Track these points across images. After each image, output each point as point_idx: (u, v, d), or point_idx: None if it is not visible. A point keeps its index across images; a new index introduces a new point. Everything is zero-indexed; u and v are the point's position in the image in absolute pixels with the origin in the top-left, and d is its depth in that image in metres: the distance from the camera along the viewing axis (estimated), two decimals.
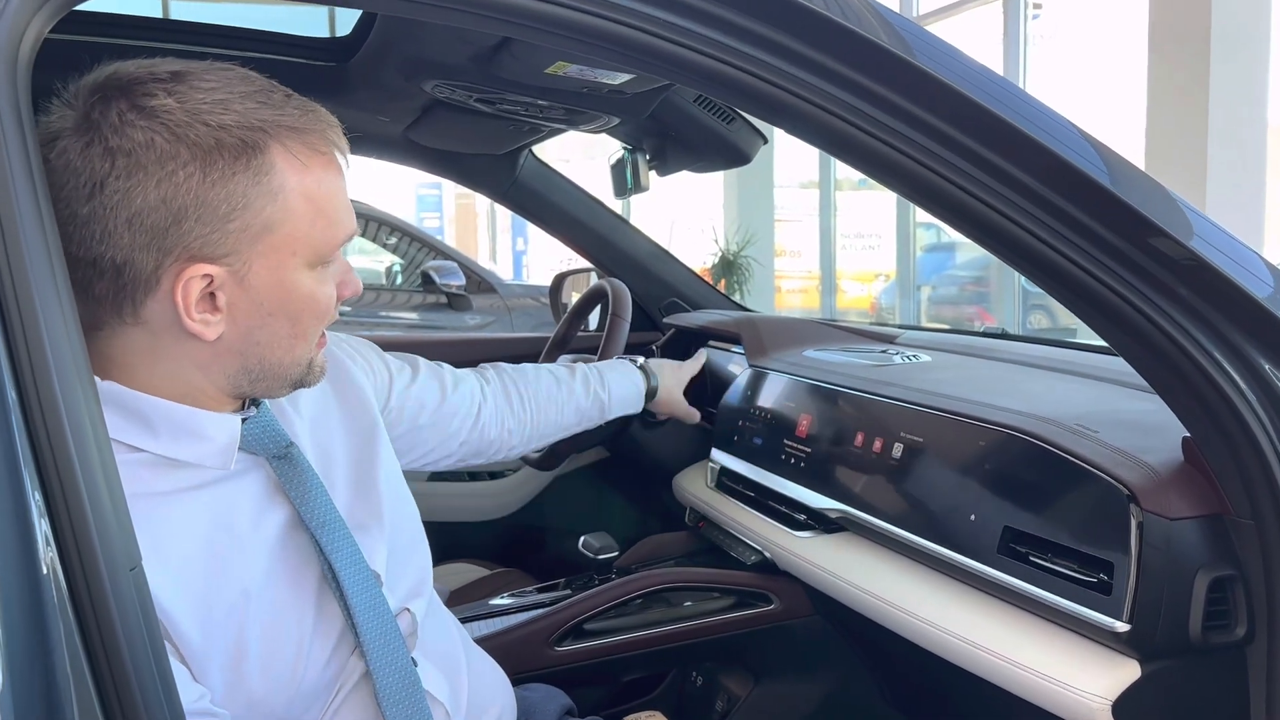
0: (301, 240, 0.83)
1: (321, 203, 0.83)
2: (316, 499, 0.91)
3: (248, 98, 0.80)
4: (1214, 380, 0.90)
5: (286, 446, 0.92)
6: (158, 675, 0.64)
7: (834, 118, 0.84)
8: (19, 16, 0.66)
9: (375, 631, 0.90)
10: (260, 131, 0.79)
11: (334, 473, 0.98)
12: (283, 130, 0.81)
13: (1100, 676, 1.02)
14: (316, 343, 0.90)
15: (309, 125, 0.83)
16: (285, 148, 0.81)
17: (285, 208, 0.81)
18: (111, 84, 0.78)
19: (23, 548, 0.59)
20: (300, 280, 0.84)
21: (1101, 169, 0.88)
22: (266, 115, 0.80)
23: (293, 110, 0.82)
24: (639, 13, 0.79)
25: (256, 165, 0.79)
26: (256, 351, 0.85)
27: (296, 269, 0.84)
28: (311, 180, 0.83)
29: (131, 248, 0.77)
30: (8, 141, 0.63)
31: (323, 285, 0.87)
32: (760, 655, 1.70)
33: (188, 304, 0.79)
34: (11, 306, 0.61)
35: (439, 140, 1.95)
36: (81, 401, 0.63)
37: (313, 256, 0.84)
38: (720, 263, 8.75)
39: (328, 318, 0.89)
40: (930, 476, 1.29)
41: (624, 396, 1.64)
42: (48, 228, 0.65)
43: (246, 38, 1.61)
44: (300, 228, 0.82)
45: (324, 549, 0.89)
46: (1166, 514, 0.98)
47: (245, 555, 0.86)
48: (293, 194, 0.81)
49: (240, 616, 0.84)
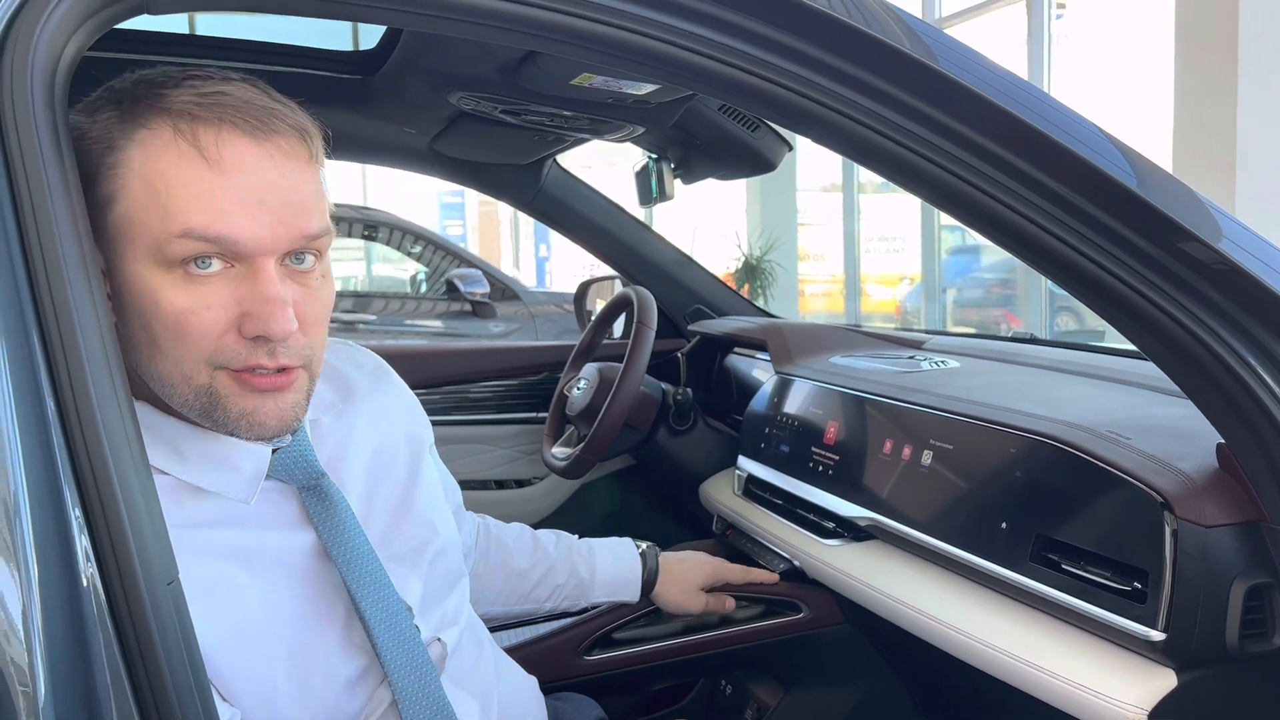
0: (138, 225, 0.76)
1: (161, 189, 0.76)
2: (345, 532, 0.89)
3: (187, 85, 0.79)
4: (1248, 385, 0.89)
5: (318, 478, 0.90)
6: (195, 688, 0.65)
7: (858, 124, 0.84)
8: (57, 36, 0.67)
9: (403, 663, 0.89)
10: (139, 101, 0.78)
11: (378, 500, 0.97)
12: (156, 110, 0.77)
13: (1136, 686, 1.00)
14: (225, 376, 0.79)
15: (195, 110, 0.77)
16: (149, 126, 0.77)
17: (120, 184, 0.77)
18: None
19: (64, 563, 0.60)
20: (145, 277, 0.77)
21: (1128, 172, 0.87)
22: (164, 94, 0.78)
23: (189, 94, 0.78)
24: (662, 24, 0.79)
25: (122, 116, 0.78)
26: (128, 351, 0.79)
27: (138, 261, 0.77)
28: (156, 164, 0.77)
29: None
30: (45, 159, 0.65)
31: (175, 292, 0.77)
32: (790, 664, 1.70)
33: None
34: (51, 324, 0.62)
35: (465, 151, 1.96)
36: (119, 419, 0.64)
37: (152, 249, 0.76)
38: (743, 267, 8.74)
39: (189, 338, 0.78)
40: (960, 484, 1.28)
41: (612, 581, 1.46)
42: (85, 245, 0.66)
43: (274, 52, 1.63)
44: (133, 210, 0.77)
45: (348, 583, 0.88)
46: (1202, 521, 0.96)
47: (273, 584, 0.86)
48: (131, 173, 0.77)
49: (268, 644, 0.84)
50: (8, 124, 0.63)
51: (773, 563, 1.67)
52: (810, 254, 10.20)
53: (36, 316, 0.62)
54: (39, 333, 0.62)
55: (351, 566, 0.88)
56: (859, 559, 1.45)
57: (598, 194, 2.27)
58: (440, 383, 2.30)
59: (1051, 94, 0.90)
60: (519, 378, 2.39)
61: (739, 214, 9.93)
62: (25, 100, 0.64)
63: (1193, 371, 0.92)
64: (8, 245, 0.62)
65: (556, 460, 1.99)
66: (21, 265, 0.62)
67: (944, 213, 0.91)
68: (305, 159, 0.81)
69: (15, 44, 0.65)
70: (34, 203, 0.63)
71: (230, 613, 0.83)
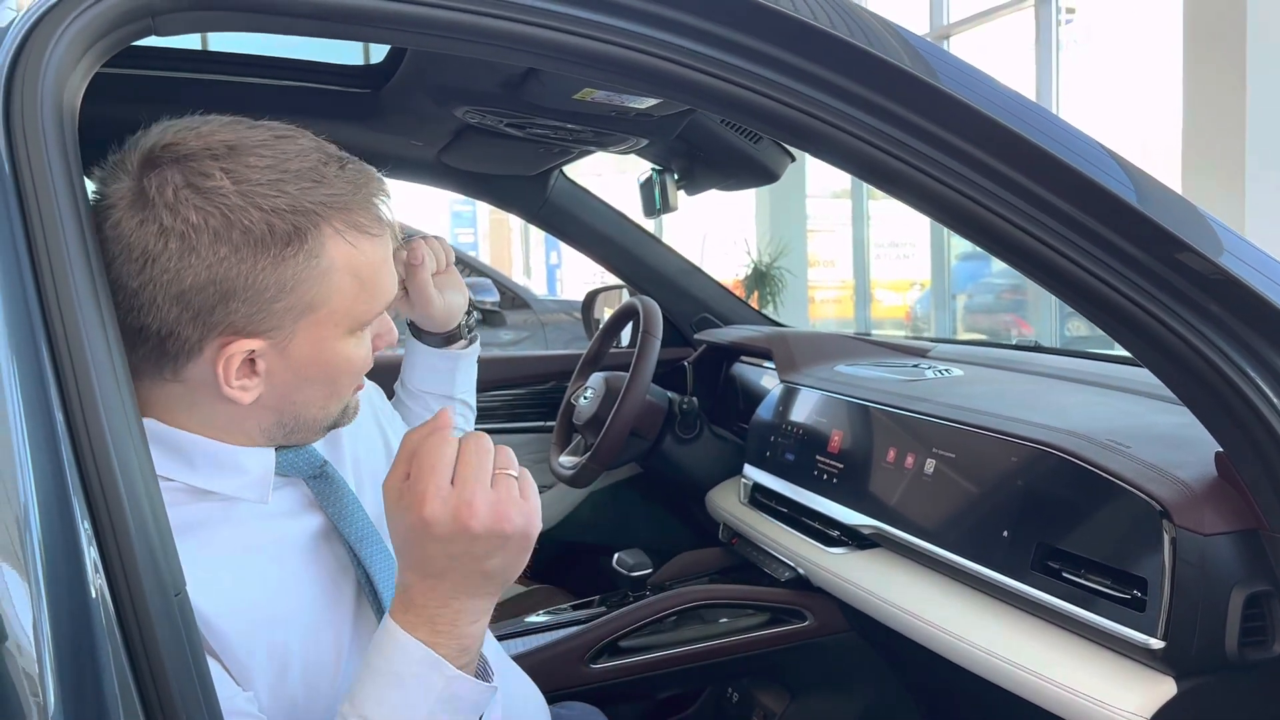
0: (343, 313, 0.83)
1: (366, 277, 0.84)
2: (352, 513, 0.93)
3: (301, 176, 0.79)
4: (1245, 395, 0.90)
5: (321, 466, 0.94)
6: (201, 697, 0.66)
7: (858, 141, 0.85)
8: (68, 58, 0.68)
9: None
10: (313, 215, 0.79)
11: (365, 481, 1.00)
12: (334, 212, 0.80)
13: (1136, 693, 1.01)
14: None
15: (360, 203, 0.82)
16: (335, 230, 0.81)
17: (331, 286, 0.81)
18: (167, 156, 0.77)
19: (73, 574, 0.61)
20: (340, 348, 0.85)
21: (1127, 186, 0.88)
22: (319, 196, 0.79)
23: (345, 185, 0.81)
24: (662, 42, 0.80)
25: (308, 250, 0.79)
26: (292, 410, 0.87)
27: (337, 339, 0.84)
28: (360, 258, 0.82)
29: (177, 322, 0.78)
30: (54, 179, 0.66)
31: (360, 347, 0.87)
32: (795, 671, 1.70)
33: (228, 374, 0.80)
34: (60, 341, 0.63)
35: (471, 163, 1.98)
36: (127, 432, 0.65)
37: (354, 325, 0.85)
38: (753, 274, 8.74)
39: (363, 373, 0.90)
40: (963, 492, 1.29)
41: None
42: (94, 262, 0.67)
43: (283, 67, 1.65)
44: (344, 303, 0.83)
45: (361, 560, 0.92)
46: (1200, 530, 0.97)
47: (284, 567, 0.89)
48: (340, 273, 0.81)
49: (281, 627, 0.86)
50: (18, 144, 0.65)
51: (778, 571, 1.68)
52: (820, 260, 10.19)
53: (46, 333, 0.63)
54: (48, 350, 0.63)
55: (361, 542, 0.92)
56: (863, 567, 1.46)
57: (604, 204, 2.28)
58: None
59: (1059, 100, 0.91)
60: (526, 386, 2.41)
61: (748, 221, 9.93)
62: (36, 121, 0.65)
63: (1191, 381, 0.93)
64: (18, 264, 0.63)
65: (563, 469, 2.01)
66: (31, 283, 0.63)
67: (944, 226, 0.92)
68: None
69: (26, 66, 0.66)
70: (44, 222, 0.65)
71: (243, 596, 0.85)
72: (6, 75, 0.65)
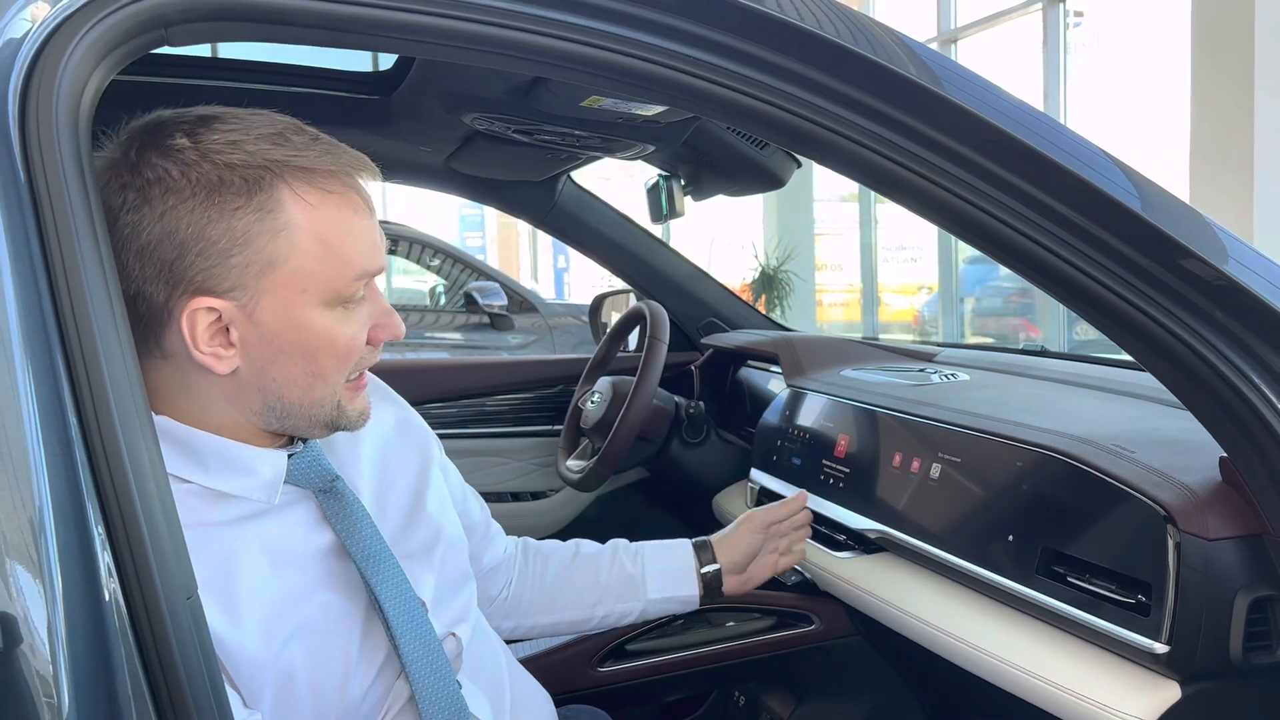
0: (311, 278, 0.84)
1: (331, 240, 0.84)
2: (362, 531, 0.93)
3: (263, 139, 0.82)
4: (1249, 400, 0.90)
5: (331, 480, 0.94)
6: (214, 699, 0.67)
7: (863, 148, 0.86)
8: (82, 68, 0.69)
9: (420, 657, 0.92)
10: (266, 170, 0.81)
11: (389, 501, 1.00)
12: (291, 170, 0.82)
13: (1140, 698, 1.01)
14: (346, 385, 0.90)
15: (323, 165, 0.84)
16: (291, 187, 0.82)
17: (290, 244, 0.82)
18: (147, 127, 0.82)
19: (87, 578, 0.62)
20: (313, 318, 0.85)
21: (1131, 193, 0.88)
22: (277, 155, 0.82)
23: (311, 152, 0.83)
24: (669, 51, 0.81)
25: (259, 202, 0.81)
26: (274, 389, 0.86)
27: (308, 306, 0.84)
28: (320, 218, 0.83)
29: (142, 279, 0.80)
30: (69, 188, 0.67)
31: (343, 325, 0.87)
32: (802, 675, 1.71)
33: (194, 336, 0.81)
34: (75, 347, 0.64)
35: (479, 168, 1.99)
36: (141, 438, 0.66)
37: (328, 294, 0.85)
38: (760, 278, 8.74)
39: (350, 359, 0.89)
40: (968, 497, 1.29)
41: (663, 573, 1.33)
42: (107, 269, 0.68)
43: (292, 74, 1.66)
44: (308, 264, 0.83)
45: (368, 579, 0.91)
46: (1205, 534, 0.97)
47: (293, 582, 0.89)
48: (299, 231, 0.82)
49: (289, 641, 0.87)
50: (33, 154, 0.66)
51: (784, 575, 1.68)
52: (828, 264, 10.19)
53: (60, 338, 0.64)
54: (63, 354, 0.64)
55: (369, 563, 0.92)
56: (869, 571, 1.46)
57: (611, 209, 2.29)
58: (457, 396, 2.32)
59: (1066, 104, 0.92)
60: (534, 391, 2.42)
61: (756, 225, 9.94)
62: (51, 131, 0.66)
63: (1195, 386, 0.93)
64: (33, 270, 0.64)
65: (571, 473, 2.01)
66: (46, 289, 0.64)
67: (950, 233, 0.93)
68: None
69: (41, 77, 0.67)
70: (58, 227, 0.65)
71: (252, 608, 0.86)
72: (23, 83, 0.66)
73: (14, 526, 0.60)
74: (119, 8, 0.69)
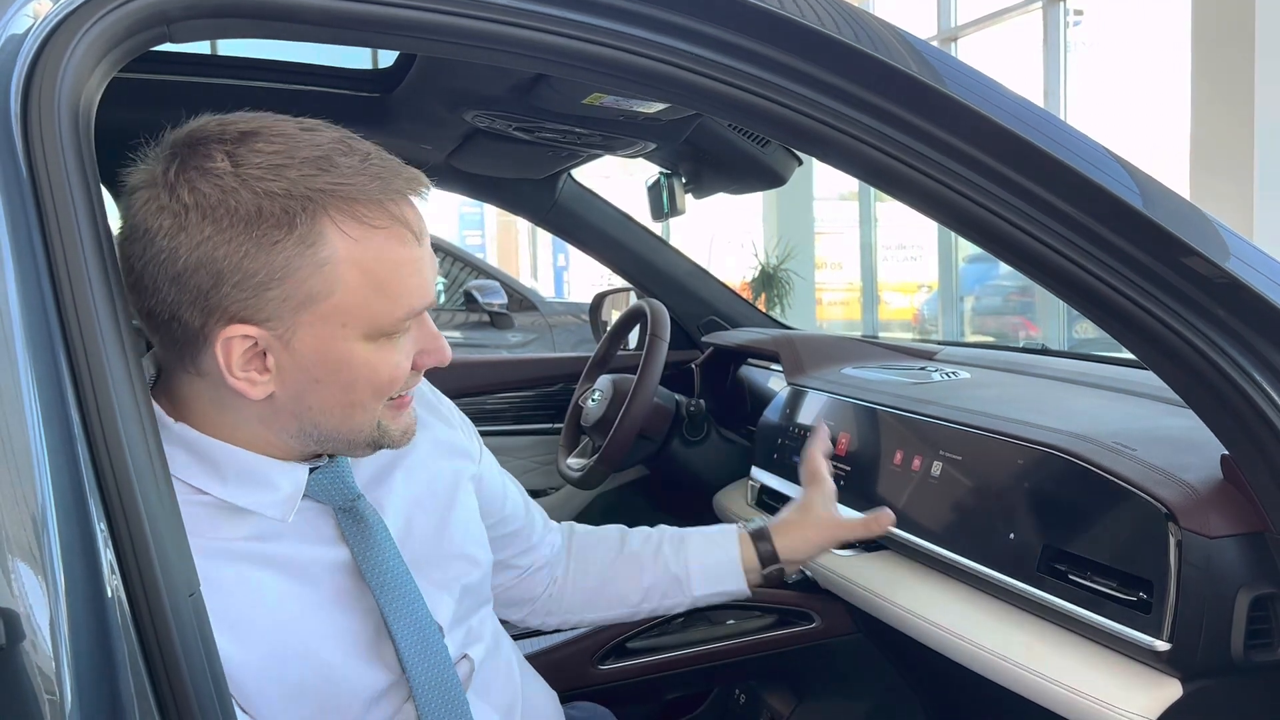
0: (353, 312, 0.80)
1: (380, 276, 0.80)
2: (380, 552, 0.90)
3: (307, 163, 0.77)
4: (1250, 398, 0.90)
5: (353, 499, 0.91)
6: (216, 696, 0.67)
7: (864, 145, 0.86)
8: (84, 65, 0.69)
9: (429, 682, 0.91)
10: (308, 200, 0.76)
11: (416, 522, 0.98)
12: (335, 200, 0.77)
13: (1141, 695, 1.01)
14: (387, 408, 0.87)
15: (370, 195, 0.79)
16: (334, 220, 0.77)
17: (334, 278, 0.78)
18: (187, 141, 0.78)
19: (89, 575, 0.62)
20: (353, 351, 0.81)
21: (1132, 190, 0.88)
22: (320, 183, 0.77)
23: (361, 178, 0.78)
24: (670, 48, 0.81)
25: (301, 234, 0.76)
26: (310, 415, 0.84)
27: (348, 340, 0.81)
28: (366, 253, 0.79)
29: (178, 305, 0.77)
30: (72, 186, 0.67)
31: (385, 355, 0.83)
32: (803, 673, 1.71)
33: (229, 362, 0.79)
34: (77, 347, 0.64)
35: (480, 166, 1.99)
36: (142, 437, 0.66)
37: (370, 329, 0.81)
38: (760, 276, 8.74)
39: (391, 389, 0.85)
40: (969, 495, 1.29)
41: (707, 569, 1.29)
42: (110, 270, 0.68)
43: (293, 71, 1.66)
44: (351, 300, 0.79)
45: (380, 601, 0.89)
46: (1206, 532, 0.97)
47: (304, 596, 0.88)
48: (343, 265, 0.78)
49: (295, 658, 0.86)
50: (35, 147, 0.66)
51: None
52: (827, 262, 10.19)
53: (63, 336, 0.64)
54: (65, 352, 0.64)
55: (384, 586, 0.90)
56: (870, 569, 1.46)
57: (612, 207, 2.29)
58: (457, 394, 2.30)
59: (1067, 102, 0.92)
60: (535, 389, 2.42)
61: (756, 223, 9.94)
62: (53, 127, 0.66)
63: (1196, 384, 0.93)
64: (36, 270, 0.64)
65: (571, 471, 2.01)
66: (48, 285, 0.64)
67: (951, 230, 0.93)
68: None
69: (44, 73, 0.67)
70: (60, 224, 0.65)
71: (261, 619, 0.85)
72: (25, 80, 0.66)
73: (16, 523, 0.60)
74: (121, 4, 0.69)
